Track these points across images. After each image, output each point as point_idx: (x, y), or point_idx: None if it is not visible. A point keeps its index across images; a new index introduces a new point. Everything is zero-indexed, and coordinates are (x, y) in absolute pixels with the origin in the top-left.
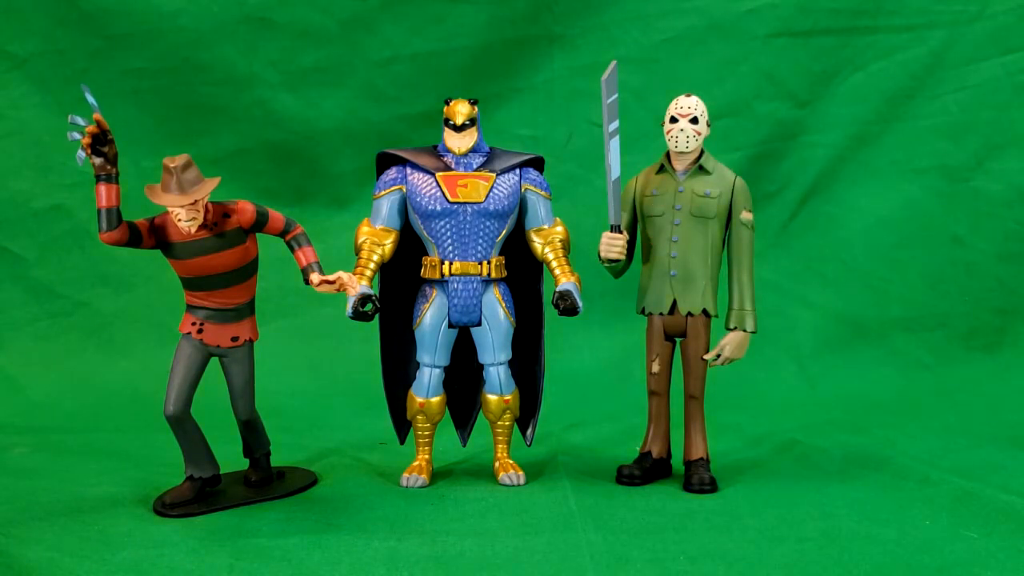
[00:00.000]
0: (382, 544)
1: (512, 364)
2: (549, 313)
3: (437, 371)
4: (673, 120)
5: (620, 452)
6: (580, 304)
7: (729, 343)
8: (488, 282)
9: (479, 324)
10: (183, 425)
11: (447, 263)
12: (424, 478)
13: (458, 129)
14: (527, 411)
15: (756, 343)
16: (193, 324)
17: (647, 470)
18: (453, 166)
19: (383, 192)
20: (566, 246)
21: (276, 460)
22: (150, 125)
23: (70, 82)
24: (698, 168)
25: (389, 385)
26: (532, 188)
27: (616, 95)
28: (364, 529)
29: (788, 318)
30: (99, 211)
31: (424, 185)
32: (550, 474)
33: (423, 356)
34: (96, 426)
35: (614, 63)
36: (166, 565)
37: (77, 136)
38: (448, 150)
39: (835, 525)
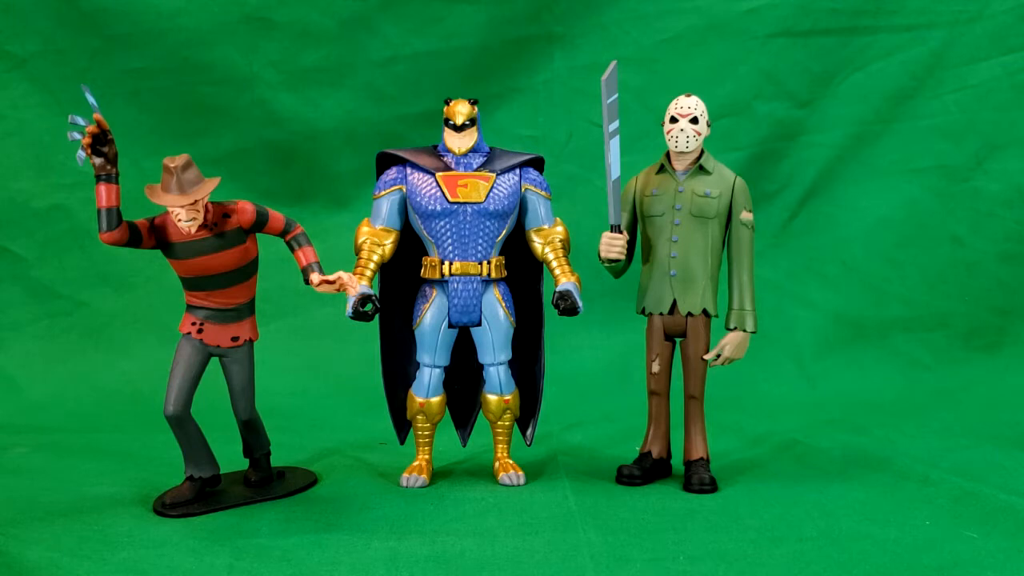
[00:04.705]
0: (382, 544)
1: (512, 364)
2: (549, 313)
3: (437, 371)
4: (673, 120)
5: (620, 452)
6: (580, 304)
7: (729, 343)
8: (488, 282)
9: (479, 324)
10: (183, 425)
11: (447, 263)
12: (424, 478)
13: (458, 129)
14: (527, 411)
15: (756, 343)
16: (193, 324)
17: (647, 470)
18: (453, 166)
19: (383, 192)
20: (566, 246)
21: (276, 460)
22: (150, 125)
23: (70, 82)
24: (698, 168)
25: (389, 385)
26: (532, 188)
27: (616, 95)
28: (364, 529)
29: (788, 318)
30: (99, 211)
31: (424, 185)
32: (550, 474)
33: (423, 356)
34: (96, 426)
35: (614, 63)
36: (166, 565)
37: (77, 136)
38: (448, 150)
39: (835, 525)
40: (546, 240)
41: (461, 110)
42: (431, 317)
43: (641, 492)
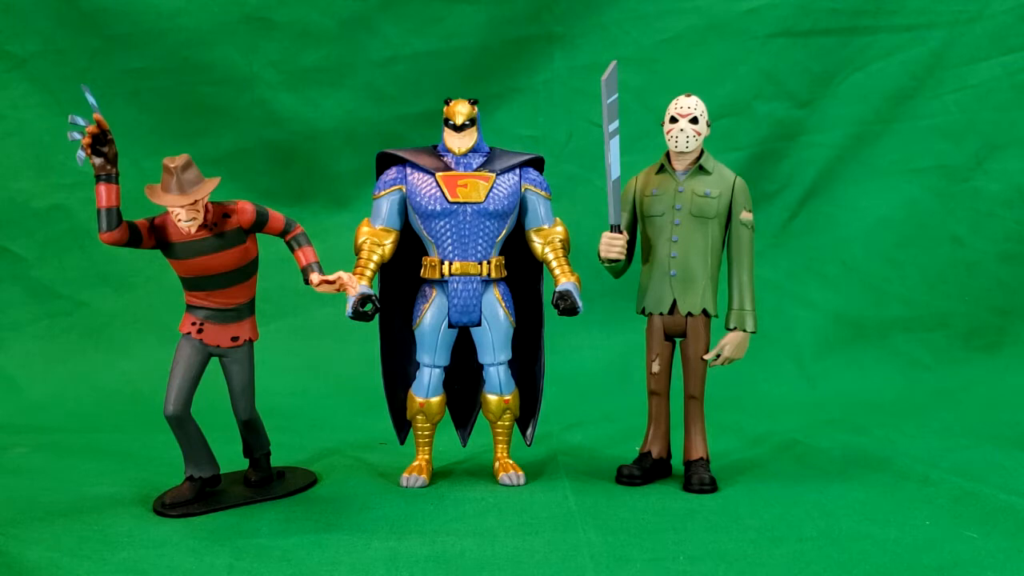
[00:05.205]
0: (382, 544)
1: (512, 364)
2: (549, 313)
3: (437, 371)
4: (673, 120)
5: (620, 452)
6: (580, 304)
7: (729, 343)
8: (488, 282)
9: (479, 324)
10: (183, 425)
11: (447, 263)
12: (424, 478)
13: (458, 129)
14: (527, 411)
15: (756, 343)
16: (193, 324)
17: (647, 470)
18: (453, 166)
19: (383, 192)
20: (566, 246)
21: (276, 460)
22: (150, 125)
23: (70, 82)
24: (698, 168)
25: (389, 385)
26: (532, 188)
27: (616, 95)
28: (364, 529)
29: (788, 318)
30: (99, 211)
31: (424, 185)
32: (550, 474)
33: (423, 356)
34: (96, 426)
35: (614, 63)
36: (166, 565)
37: (77, 136)
38: (448, 150)
39: (835, 525)
40: (546, 240)
41: (461, 110)
42: (431, 317)
43: (641, 492)
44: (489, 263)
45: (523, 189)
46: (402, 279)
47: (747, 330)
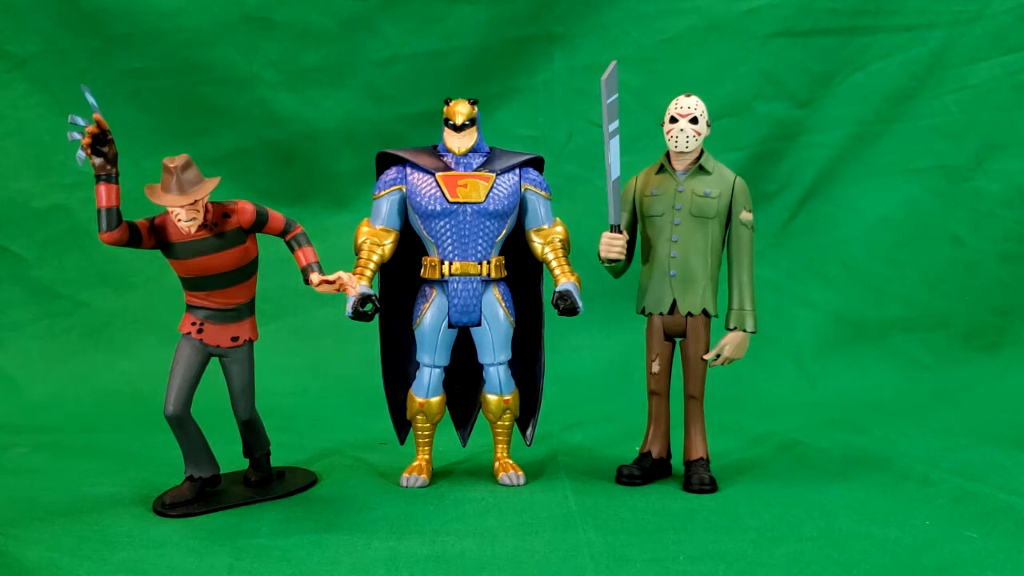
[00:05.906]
0: (382, 544)
1: (512, 364)
2: (549, 313)
3: (437, 371)
4: (673, 120)
5: (620, 452)
6: (580, 304)
7: (729, 343)
8: (488, 282)
9: (479, 324)
10: (183, 425)
11: (447, 263)
12: (424, 478)
13: (458, 129)
14: (527, 411)
15: (756, 343)
16: (193, 324)
17: (647, 470)
18: (453, 166)
19: (383, 192)
20: (566, 246)
21: (276, 460)
22: (150, 125)
23: (70, 82)
24: (698, 168)
25: (389, 385)
26: (532, 188)
27: (616, 95)
28: (364, 529)
29: (788, 318)
30: (99, 211)
31: (424, 185)
32: (550, 474)
33: (423, 356)
34: (96, 426)
35: (614, 63)
36: (166, 565)
37: (77, 136)
38: (448, 150)
39: (835, 525)
40: (546, 240)
41: (461, 110)
42: (431, 317)
43: (641, 492)
44: (489, 263)
45: (523, 189)
46: (402, 279)
47: (747, 330)
